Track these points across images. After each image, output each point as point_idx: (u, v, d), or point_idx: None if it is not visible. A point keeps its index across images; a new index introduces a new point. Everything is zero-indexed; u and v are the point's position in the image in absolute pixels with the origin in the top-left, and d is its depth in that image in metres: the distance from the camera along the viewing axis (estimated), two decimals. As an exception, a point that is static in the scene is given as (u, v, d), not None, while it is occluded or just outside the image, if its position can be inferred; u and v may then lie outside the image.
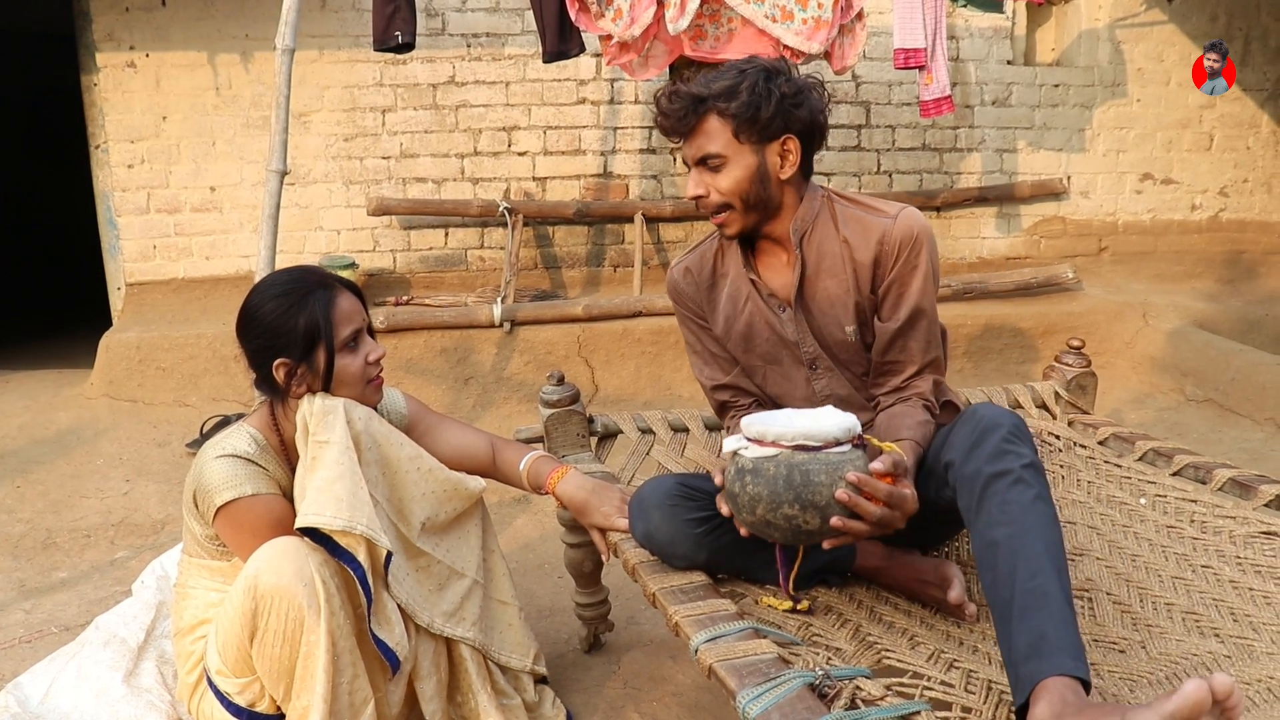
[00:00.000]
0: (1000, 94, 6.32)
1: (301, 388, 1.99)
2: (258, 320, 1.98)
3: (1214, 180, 6.76)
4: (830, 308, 2.06)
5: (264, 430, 2.04)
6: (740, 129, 1.94)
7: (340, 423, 1.95)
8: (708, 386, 2.28)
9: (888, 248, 1.98)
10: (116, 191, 5.53)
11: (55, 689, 2.23)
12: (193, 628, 2.04)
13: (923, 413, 2.00)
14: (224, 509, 1.91)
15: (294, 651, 1.85)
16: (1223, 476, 2.39)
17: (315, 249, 5.69)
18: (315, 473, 1.88)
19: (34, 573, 3.24)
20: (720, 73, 1.97)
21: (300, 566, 1.84)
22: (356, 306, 2.06)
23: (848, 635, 1.80)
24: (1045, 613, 1.45)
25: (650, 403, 4.97)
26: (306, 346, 1.97)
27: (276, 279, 2.04)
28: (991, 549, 1.57)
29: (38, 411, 4.76)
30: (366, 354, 2.05)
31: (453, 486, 2.14)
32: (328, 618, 1.85)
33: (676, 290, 2.25)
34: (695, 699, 2.42)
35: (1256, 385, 4.69)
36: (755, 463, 1.71)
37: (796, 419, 1.74)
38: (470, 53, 5.71)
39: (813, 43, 4.65)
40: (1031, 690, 1.38)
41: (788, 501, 1.67)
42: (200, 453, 1.98)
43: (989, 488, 1.63)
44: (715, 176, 1.99)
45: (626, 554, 2.02)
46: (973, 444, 1.70)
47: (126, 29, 5.38)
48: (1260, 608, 1.85)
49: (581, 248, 5.96)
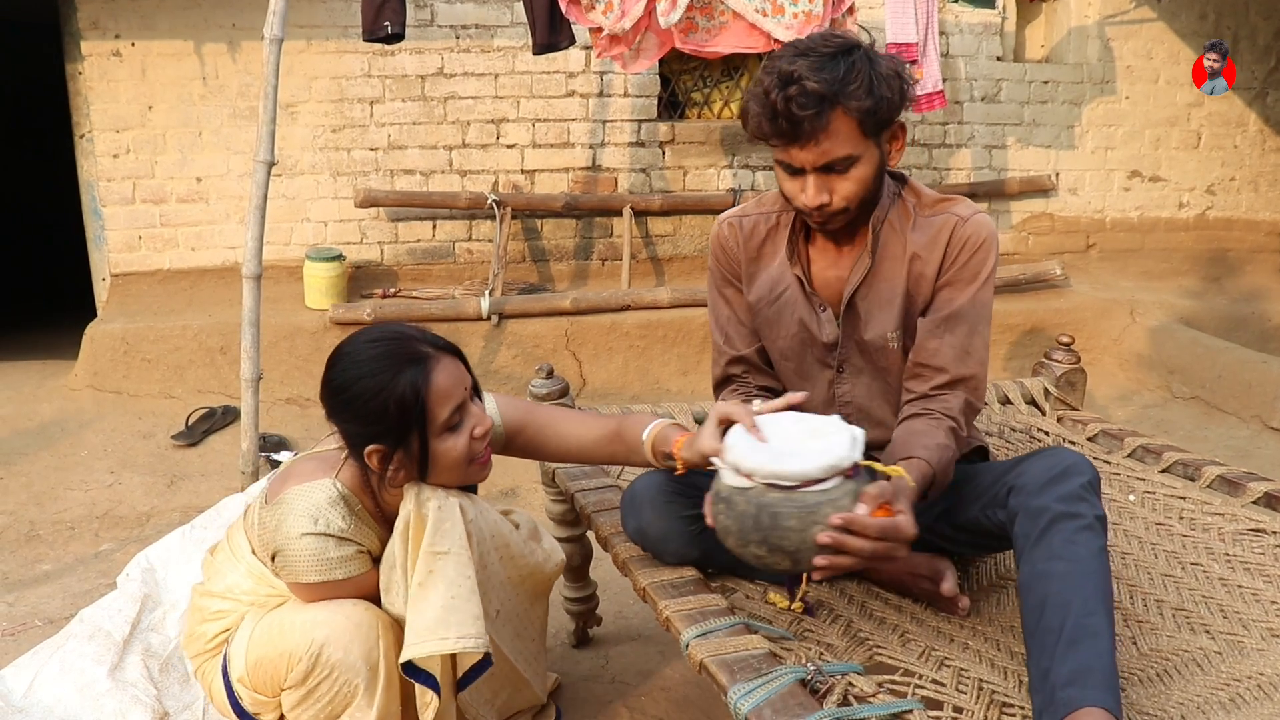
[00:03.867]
0: (990, 90, 6.33)
1: (399, 474, 1.81)
2: (347, 404, 1.78)
3: (1201, 178, 6.78)
4: (879, 310, 1.95)
5: (357, 492, 1.86)
6: (866, 121, 1.74)
7: (459, 531, 1.80)
8: (723, 354, 2.14)
9: (951, 248, 1.88)
10: (101, 181, 5.48)
11: (38, 683, 2.21)
12: (223, 595, 1.93)
13: (945, 435, 1.83)
14: (307, 585, 1.80)
15: (334, 715, 1.81)
16: (1211, 474, 2.39)
17: (302, 240, 5.65)
18: (431, 591, 1.75)
19: (17, 565, 3.21)
20: (814, 62, 1.71)
21: (369, 650, 1.78)
22: (457, 379, 1.81)
23: (839, 631, 1.79)
24: (1093, 650, 1.46)
25: (638, 396, 4.97)
26: (400, 432, 1.76)
27: (366, 351, 1.79)
28: (1044, 579, 1.55)
29: (21, 403, 4.72)
30: (471, 429, 1.82)
31: (530, 572, 2.03)
32: (381, 706, 1.80)
33: (721, 245, 2.08)
34: (684, 694, 2.42)
35: (1242, 382, 4.72)
36: (729, 492, 1.61)
37: (788, 440, 1.60)
38: (459, 44, 5.68)
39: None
40: (1065, 713, 1.41)
41: (755, 542, 1.57)
42: (288, 507, 1.79)
43: (1057, 524, 1.59)
44: (840, 180, 1.79)
45: (617, 549, 2.01)
46: (1050, 480, 1.65)
47: (112, 17, 5.32)
48: (1249, 604, 1.85)
49: (570, 241, 5.94)
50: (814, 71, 1.70)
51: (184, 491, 3.85)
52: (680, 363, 5.18)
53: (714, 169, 6.05)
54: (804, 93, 1.69)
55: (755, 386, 2.12)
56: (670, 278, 5.94)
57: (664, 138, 5.94)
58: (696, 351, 5.17)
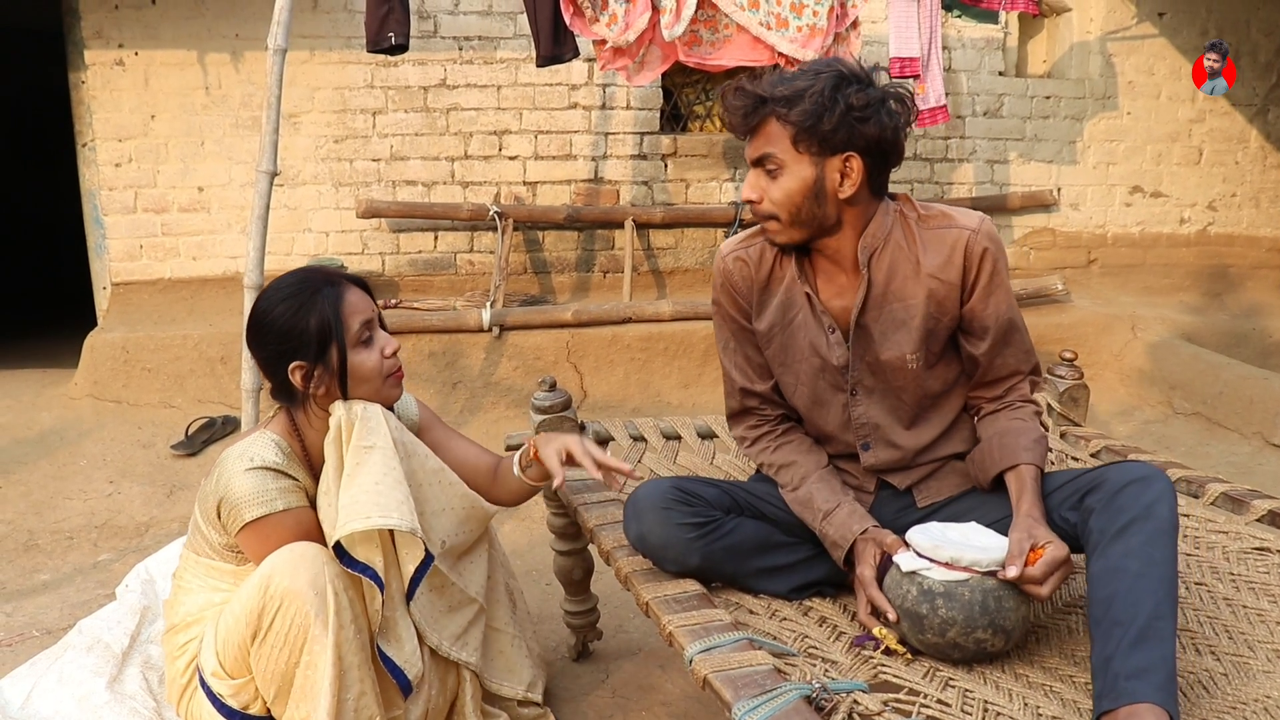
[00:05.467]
0: (992, 105, 6.34)
1: (320, 389, 1.97)
2: (269, 325, 1.96)
3: (1203, 194, 6.79)
4: (894, 331, 1.95)
5: (286, 437, 2.00)
6: (799, 137, 1.83)
7: (384, 428, 1.93)
8: (736, 387, 2.15)
9: (970, 262, 1.90)
10: (103, 190, 5.48)
11: (36, 694, 2.20)
12: (187, 625, 2.01)
13: (1034, 426, 1.93)
14: (253, 524, 1.88)
15: (294, 658, 1.83)
16: (1215, 491, 2.38)
17: (303, 251, 5.65)
18: (360, 476, 1.87)
19: (15, 575, 3.20)
20: (791, 74, 1.87)
21: (315, 575, 1.82)
22: (365, 300, 2.02)
23: (843, 648, 1.78)
24: (1159, 651, 1.50)
25: (639, 409, 4.96)
26: (320, 346, 1.93)
27: (283, 282, 2.00)
28: (1119, 574, 1.59)
29: (20, 411, 4.71)
30: (381, 347, 2.01)
31: (471, 505, 2.11)
32: (336, 630, 1.83)
33: (728, 280, 2.08)
34: (684, 709, 2.41)
35: (1244, 399, 4.71)
36: (948, 587, 1.70)
37: (972, 536, 1.78)
38: (462, 55, 5.69)
39: (807, 50, 4.65)
40: (1126, 703, 1.45)
41: (982, 626, 1.68)
42: (224, 461, 1.94)
43: (1136, 524, 1.63)
44: (771, 183, 1.88)
45: (619, 563, 2.00)
46: (1131, 482, 1.69)
47: (116, 27, 5.33)
48: (1255, 625, 1.84)
49: (571, 253, 5.94)
50: (771, 81, 1.87)
51: (183, 502, 3.84)
52: (681, 375, 5.17)
53: (716, 182, 6.05)
54: (743, 92, 1.87)
55: (773, 417, 2.14)
56: (672, 290, 5.94)
57: (666, 150, 5.95)
58: (697, 365, 5.17)
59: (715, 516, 1.95)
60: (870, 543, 1.89)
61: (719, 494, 2.03)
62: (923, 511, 2.03)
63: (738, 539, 1.96)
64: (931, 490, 2.05)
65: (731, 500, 2.04)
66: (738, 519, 1.99)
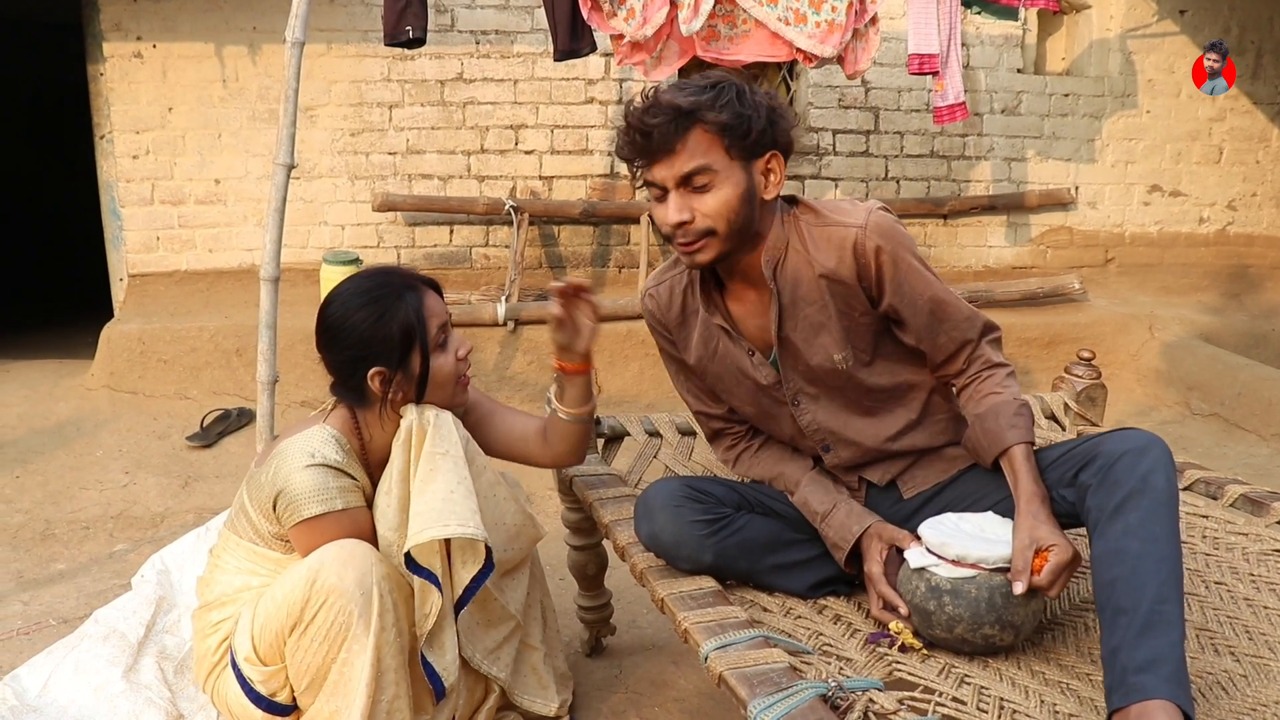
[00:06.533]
0: (1010, 102, 6.30)
1: (398, 395, 1.96)
2: (347, 331, 1.93)
3: (1222, 193, 6.74)
4: (815, 337, 1.91)
5: (346, 434, 1.98)
6: (732, 143, 1.77)
7: (454, 436, 1.94)
8: (696, 414, 2.21)
9: (864, 260, 1.83)
10: (120, 182, 5.50)
11: (53, 682, 2.21)
12: (221, 604, 2.00)
13: (1010, 396, 1.86)
14: (310, 520, 1.88)
15: (332, 654, 1.83)
16: (1234, 492, 2.36)
17: (319, 244, 5.67)
18: (433, 484, 1.87)
19: (32, 564, 3.22)
20: (691, 85, 1.79)
21: (363, 574, 1.83)
22: (440, 303, 2.02)
23: (858, 645, 1.77)
24: (1166, 639, 1.47)
25: (653, 405, 4.95)
26: (403, 353, 1.93)
27: (359, 285, 1.98)
28: (1119, 556, 1.56)
29: (37, 401, 4.74)
30: (455, 349, 2.02)
31: (522, 521, 2.12)
32: (378, 632, 1.83)
33: (650, 319, 2.11)
34: (698, 705, 2.40)
35: (1263, 400, 4.68)
36: (954, 584, 1.70)
37: (985, 529, 1.77)
38: (479, 50, 5.69)
39: (825, 46, 4.63)
40: (1137, 700, 1.42)
41: (989, 622, 1.68)
42: (283, 453, 1.91)
43: (1133, 498, 1.60)
44: (701, 198, 1.79)
45: (634, 559, 2.00)
46: (1126, 453, 1.66)
47: (134, 19, 5.35)
48: (1275, 626, 1.83)
49: (587, 248, 5.94)
50: (673, 91, 1.78)
51: (198, 493, 3.86)
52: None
53: (732, 178, 6.02)
54: (658, 106, 1.76)
55: (744, 433, 2.18)
56: (686, 286, 5.92)
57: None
58: (712, 360, 5.15)
59: (726, 513, 1.95)
60: (875, 539, 1.89)
61: (728, 491, 2.03)
62: (914, 503, 2.02)
63: (749, 535, 1.95)
64: (916, 480, 2.03)
65: (741, 498, 2.04)
66: (748, 515, 1.99)
